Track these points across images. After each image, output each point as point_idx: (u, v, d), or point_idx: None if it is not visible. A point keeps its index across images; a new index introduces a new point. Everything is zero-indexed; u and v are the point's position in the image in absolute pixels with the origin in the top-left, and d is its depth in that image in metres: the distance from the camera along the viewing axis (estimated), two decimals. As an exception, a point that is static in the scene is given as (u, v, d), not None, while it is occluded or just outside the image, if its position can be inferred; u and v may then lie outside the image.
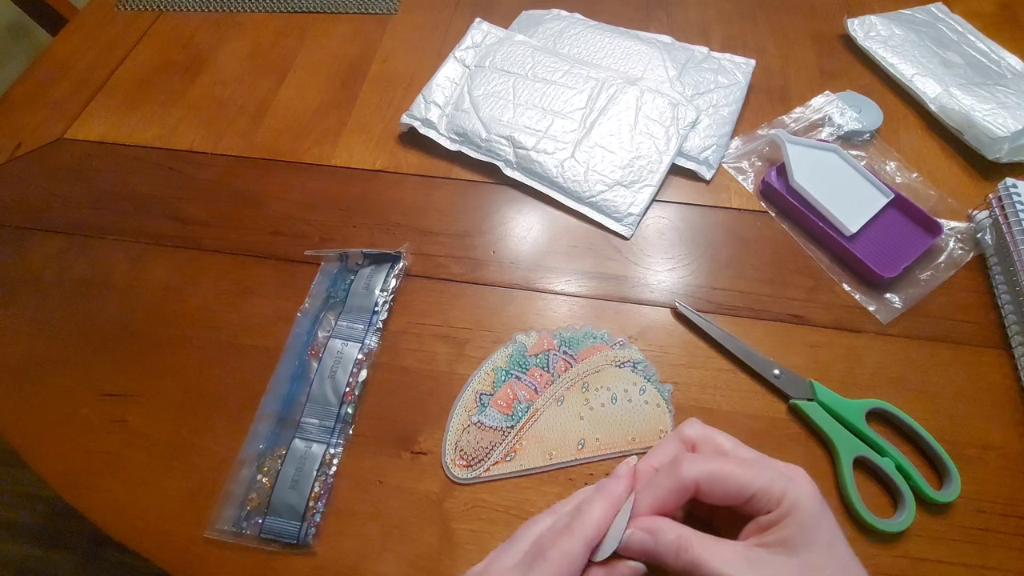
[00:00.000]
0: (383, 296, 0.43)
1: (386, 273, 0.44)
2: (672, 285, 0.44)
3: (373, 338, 0.41)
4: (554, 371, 0.40)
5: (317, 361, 0.40)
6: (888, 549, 0.34)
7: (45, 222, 0.49)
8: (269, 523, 0.35)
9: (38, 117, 0.56)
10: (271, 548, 0.35)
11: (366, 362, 0.40)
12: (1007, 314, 0.41)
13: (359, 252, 0.44)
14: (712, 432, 0.29)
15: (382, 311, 0.42)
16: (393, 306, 0.43)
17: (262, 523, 0.35)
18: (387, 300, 0.43)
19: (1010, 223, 0.42)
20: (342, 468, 0.37)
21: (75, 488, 0.37)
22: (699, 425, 0.30)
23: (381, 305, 0.42)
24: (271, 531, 0.35)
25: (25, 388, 0.41)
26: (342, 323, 0.42)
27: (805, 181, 0.46)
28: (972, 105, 0.50)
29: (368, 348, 0.41)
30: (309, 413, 0.38)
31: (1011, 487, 0.36)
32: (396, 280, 0.44)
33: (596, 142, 0.50)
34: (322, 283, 0.44)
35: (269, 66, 0.59)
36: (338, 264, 0.45)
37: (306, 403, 0.39)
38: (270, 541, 0.35)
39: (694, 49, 0.57)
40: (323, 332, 0.42)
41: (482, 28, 0.58)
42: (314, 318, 0.42)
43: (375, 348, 0.41)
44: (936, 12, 0.60)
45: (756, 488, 0.26)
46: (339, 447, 0.38)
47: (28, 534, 0.98)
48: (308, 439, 0.38)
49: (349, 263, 0.45)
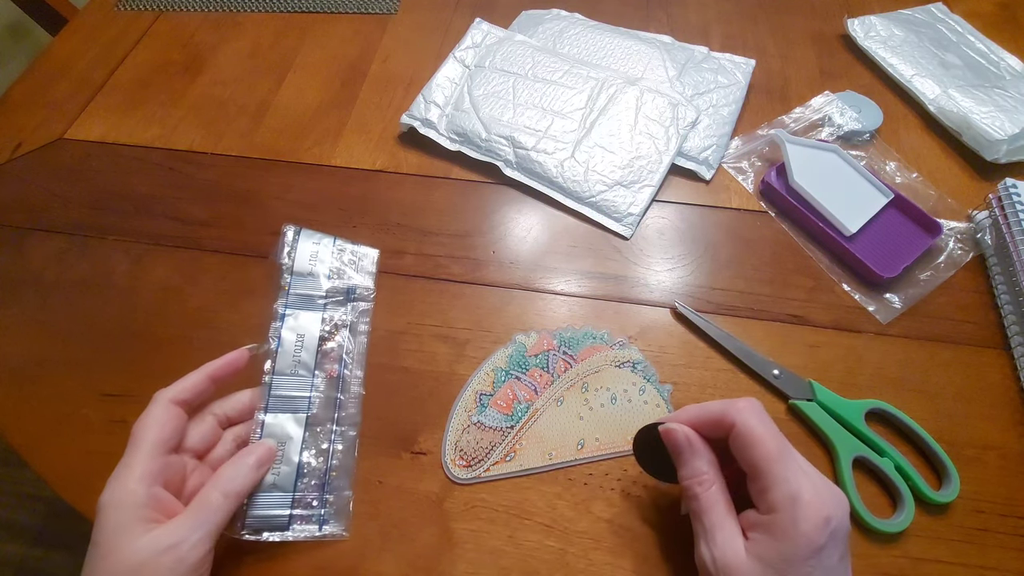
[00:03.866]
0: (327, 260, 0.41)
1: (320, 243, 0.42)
2: (672, 285, 0.44)
3: (341, 309, 0.40)
4: (554, 371, 0.40)
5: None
6: (887, 549, 0.34)
7: (45, 222, 0.49)
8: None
9: (38, 117, 0.56)
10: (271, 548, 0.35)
11: (339, 331, 0.39)
12: (1007, 314, 0.41)
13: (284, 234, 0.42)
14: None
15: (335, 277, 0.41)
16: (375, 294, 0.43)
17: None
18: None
19: (1010, 223, 0.43)
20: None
21: (75, 488, 0.37)
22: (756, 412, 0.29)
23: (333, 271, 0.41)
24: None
25: (25, 388, 0.41)
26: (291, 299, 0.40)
27: (805, 181, 0.46)
28: (970, 107, 0.50)
29: (339, 319, 0.40)
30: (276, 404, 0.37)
31: (1010, 487, 0.36)
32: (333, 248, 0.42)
33: (596, 142, 0.50)
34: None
35: (269, 66, 0.59)
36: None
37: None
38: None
39: (694, 49, 0.57)
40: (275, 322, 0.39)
41: (482, 28, 0.58)
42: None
43: (348, 318, 0.40)
44: (936, 12, 0.60)
45: (769, 475, 0.27)
46: (337, 441, 0.37)
47: (28, 534, 0.98)
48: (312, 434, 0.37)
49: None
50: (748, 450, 0.28)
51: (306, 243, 0.42)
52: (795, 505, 0.26)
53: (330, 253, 0.43)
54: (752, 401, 0.30)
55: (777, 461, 0.27)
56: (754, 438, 0.28)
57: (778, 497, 0.26)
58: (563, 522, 0.35)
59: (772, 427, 0.29)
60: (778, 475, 0.27)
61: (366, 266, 0.44)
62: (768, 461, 0.27)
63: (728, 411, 0.29)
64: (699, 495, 0.29)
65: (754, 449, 0.28)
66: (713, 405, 0.30)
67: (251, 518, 0.33)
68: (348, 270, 0.43)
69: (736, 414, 0.29)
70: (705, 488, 0.29)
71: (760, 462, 0.27)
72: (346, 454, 0.37)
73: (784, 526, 0.26)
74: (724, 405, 0.30)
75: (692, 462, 0.30)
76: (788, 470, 0.27)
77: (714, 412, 0.30)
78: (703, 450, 0.30)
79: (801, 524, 0.26)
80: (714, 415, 0.30)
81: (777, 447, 0.28)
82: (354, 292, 0.42)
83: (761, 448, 0.27)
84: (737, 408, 0.29)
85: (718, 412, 0.30)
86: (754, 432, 0.28)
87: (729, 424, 0.29)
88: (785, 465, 0.27)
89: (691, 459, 0.30)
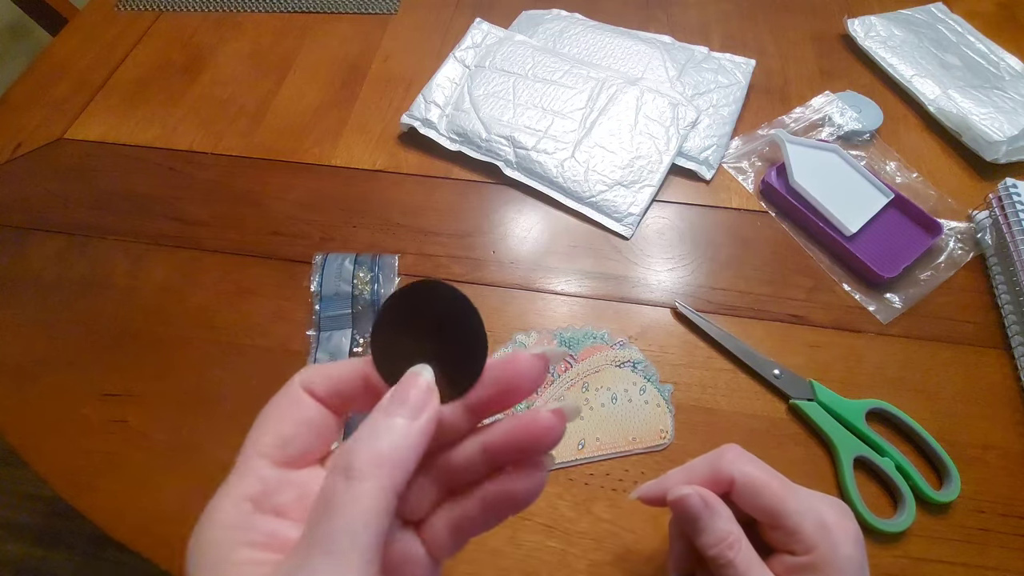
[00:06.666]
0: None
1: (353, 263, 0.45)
2: (672, 285, 0.44)
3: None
4: (554, 371, 0.40)
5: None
6: (888, 549, 0.34)
7: (45, 222, 0.49)
8: None
9: (38, 117, 0.56)
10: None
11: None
12: (1007, 314, 0.41)
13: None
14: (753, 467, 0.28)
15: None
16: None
17: None
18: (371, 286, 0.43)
19: (1010, 223, 0.43)
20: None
21: (75, 488, 0.37)
22: (740, 456, 0.28)
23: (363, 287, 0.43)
24: None
25: (25, 388, 0.41)
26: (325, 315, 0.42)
27: (805, 181, 0.46)
28: (969, 108, 0.50)
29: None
30: None
31: (1011, 487, 0.36)
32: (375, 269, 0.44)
33: (596, 142, 0.50)
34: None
35: (269, 66, 0.59)
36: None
37: None
38: None
39: (694, 49, 0.57)
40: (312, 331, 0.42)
41: (482, 28, 0.58)
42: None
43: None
44: (936, 12, 0.60)
45: (790, 516, 0.26)
46: None
47: (28, 534, 0.98)
48: None
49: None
50: (757, 499, 0.26)
51: (331, 266, 0.44)
52: (829, 533, 0.25)
53: (351, 272, 0.44)
54: (736, 448, 0.28)
55: (789, 499, 0.26)
56: (759, 485, 0.26)
57: (809, 532, 0.25)
58: (564, 523, 0.35)
59: (762, 464, 0.28)
60: (796, 511, 0.26)
61: (388, 274, 0.45)
62: (782, 502, 0.26)
63: (720, 467, 0.27)
64: (732, 560, 0.26)
65: (763, 497, 0.26)
66: (698, 464, 0.28)
67: None
68: (369, 285, 0.44)
69: (730, 466, 0.27)
70: (736, 551, 0.26)
71: (776, 506, 0.26)
72: None
73: (828, 558, 0.25)
74: (712, 461, 0.28)
75: (715, 525, 0.26)
76: (801, 503, 0.26)
77: (703, 472, 0.28)
78: (722, 508, 0.27)
79: (841, 549, 0.25)
80: (704, 475, 0.28)
81: (780, 485, 0.27)
82: (379, 303, 0.43)
83: (769, 493, 0.26)
84: (729, 461, 0.27)
85: (708, 470, 0.28)
86: (757, 479, 0.27)
87: (727, 480, 0.27)
88: (797, 499, 0.26)
89: (713, 522, 0.26)
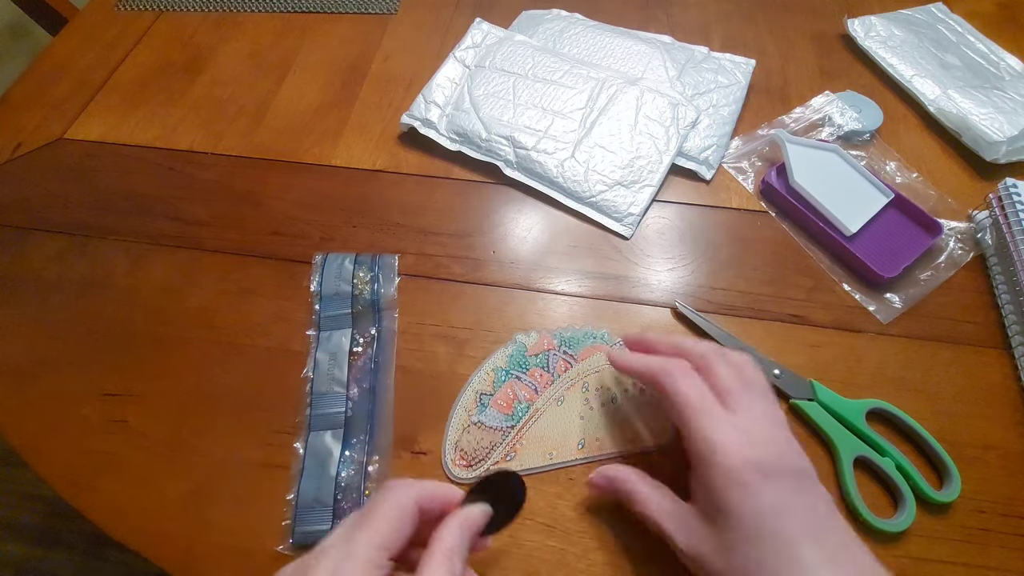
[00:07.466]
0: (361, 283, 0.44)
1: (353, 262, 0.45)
2: (672, 285, 0.44)
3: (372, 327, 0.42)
4: (554, 371, 0.40)
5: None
6: (888, 549, 0.34)
7: (45, 222, 0.49)
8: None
9: (38, 117, 0.56)
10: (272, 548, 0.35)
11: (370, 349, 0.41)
12: (1007, 314, 0.41)
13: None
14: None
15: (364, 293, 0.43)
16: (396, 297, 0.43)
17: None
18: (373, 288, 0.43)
19: (1010, 223, 0.43)
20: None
21: (75, 488, 0.37)
22: None
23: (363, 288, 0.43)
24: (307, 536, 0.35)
25: (25, 388, 0.41)
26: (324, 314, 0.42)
27: (805, 181, 0.46)
28: (969, 109, 0.50)
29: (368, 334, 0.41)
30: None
31: (1011, 487, 0.36)
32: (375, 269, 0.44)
33: (596, 142, 0.50)
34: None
35: (269, 66, 0.59)
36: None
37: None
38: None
39: (694, 49, 0.57)
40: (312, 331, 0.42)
41: (482, 28, 0.58)
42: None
43: (373, 330, 0.41)
44: (936, 12, 0.60)
45: (694, 428, 0.28)
46: (373, 452, 0.38)
47: (28, 534, 0.98)
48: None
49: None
50: (676, 410, 0.29)
51: (331, 266, 0.44)
52: (710, 446, 0.27)
53: (351, 272, 0.44)
54: (680, 363, 0.31)
55: (701, 415, 0.28)
56: (679, 398, 0.29)
57: (696, 443, 0.28)
58: (564, 522, 0.35)
59: (701, 387, 0.29)
60: (699, 426, 0.28)
61: (388, 274, 0.44)
62: (692, 418, 0.28)
63: (660, 377, 0.30)
64: (648, 517, 0.30)
65: (682, 409, 0.29)
66: (653, 362, 0.32)
67: (298, 534, 0.34)
68: (368, 285, 0.44)
69: (665, 377, 0.30)
70: (637, 502, 0.31)
71: (687, 420, 0.28)
72: (382, 463, 0.37)
73: (703, 468, 0.27)
74: (659, 369, 0.31)
75: (616, 493, 0.32)
76: (710, 420, 0.28)
77: (653, 371, 0.31)
78: (619, 479, 0.32)
79: (720, 460, 0.27)
80: (652, 374, 0.31)
81: (702, 403, 0.28)
82: (379, 303, 0.43)
83: (687, 407, 0.29)
84: (667, 372, 0.30)
85: (653, 374, 0.31)
86: (679, 393, 0.29)
87: (661, 389, 0.30)
88: (710, 417, 0.28)
89: (615, 493, 0.32)
